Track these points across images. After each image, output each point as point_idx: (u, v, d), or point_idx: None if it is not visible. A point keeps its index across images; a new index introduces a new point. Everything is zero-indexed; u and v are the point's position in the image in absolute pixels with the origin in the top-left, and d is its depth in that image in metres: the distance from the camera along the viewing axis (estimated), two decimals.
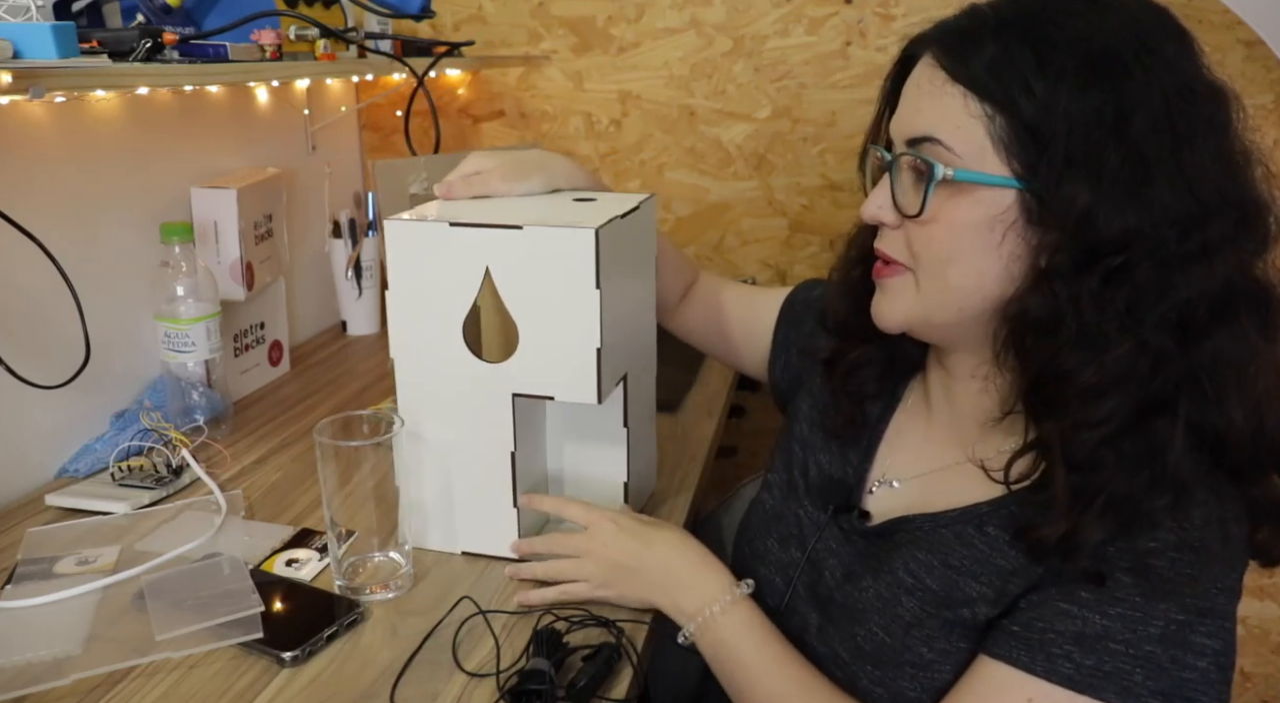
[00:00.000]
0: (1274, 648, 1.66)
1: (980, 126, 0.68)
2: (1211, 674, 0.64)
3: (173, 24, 1.04)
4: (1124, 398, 0.65)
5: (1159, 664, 0.63)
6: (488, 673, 0.76)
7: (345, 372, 1.45)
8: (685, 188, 1.67)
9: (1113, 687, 0.63)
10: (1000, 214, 0.69)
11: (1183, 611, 0.64)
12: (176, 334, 1.15)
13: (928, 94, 0.71)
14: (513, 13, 1.65)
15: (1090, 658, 0.64)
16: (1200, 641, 0.64)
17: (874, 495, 0.85)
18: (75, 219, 1.11)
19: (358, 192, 1.68)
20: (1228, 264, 0.65)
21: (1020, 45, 0.67)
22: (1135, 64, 0.66)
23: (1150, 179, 0.64)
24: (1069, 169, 0.65)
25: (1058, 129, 0.65)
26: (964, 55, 0.69)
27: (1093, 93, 0.65)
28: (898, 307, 0.76)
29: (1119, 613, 0.64)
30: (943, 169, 0.69)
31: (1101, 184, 0.65)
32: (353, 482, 0.84)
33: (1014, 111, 0.67)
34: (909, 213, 0.72)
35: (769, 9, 1.57)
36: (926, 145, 0.70)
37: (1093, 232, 0.65)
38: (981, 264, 0.70)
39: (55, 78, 0.75)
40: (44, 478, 1.09)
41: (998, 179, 0.68)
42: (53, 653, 0.77)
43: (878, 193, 0.75)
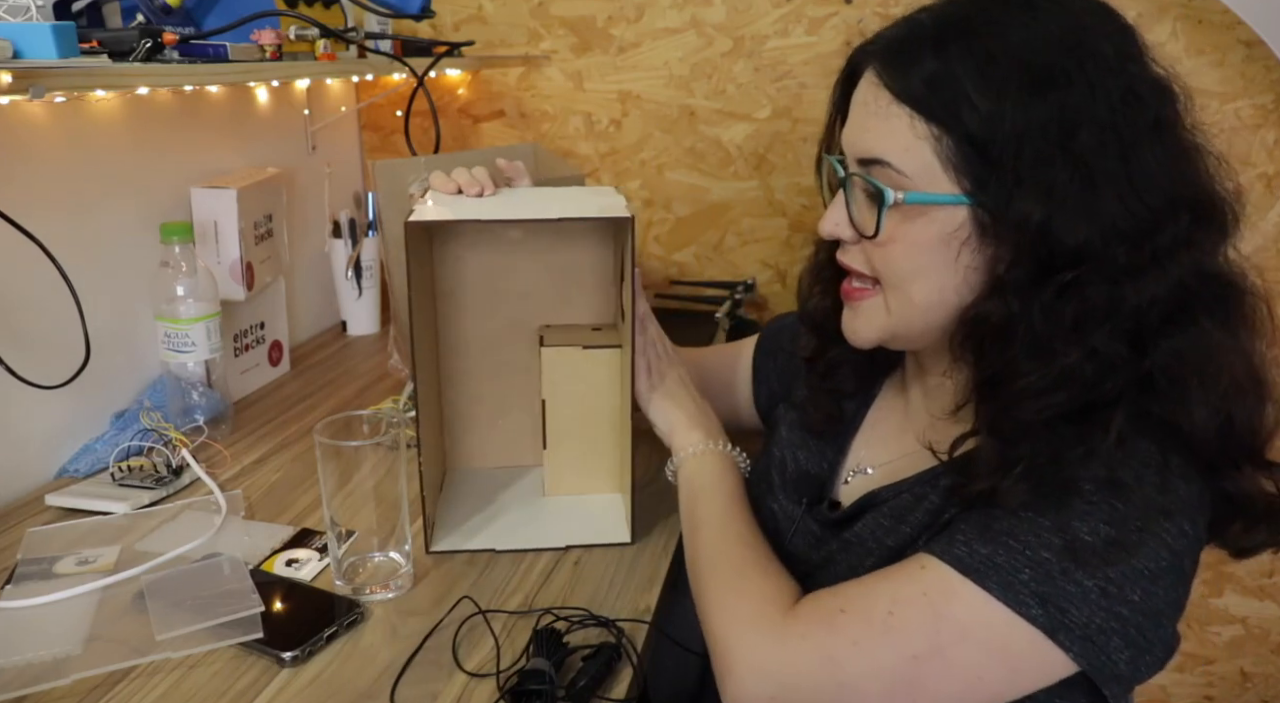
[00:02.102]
0: (1274, 648, 1.67)
1: (928, 147, 0.68)
2: (1092, 596, 0.64)
3: (173, 24, 1.04)
4: (1068, 397, 0.67)
5: (1048, 571, 0.64)
6: (488, 673, 0.76)
7: (345, 372, 1.45)
8: (685, 188, 1.67)
9: (996, 577, 0.64)
10: (954, 231, 0.70)
11: (1092, 534, 0.64)
12: (176, 334, 1.15)
13: (874, 113, 0.71)
14: (513, 13, 1.65)
15: (985, 548, 0.66)
16: (1095, 563, 0.64)
17: (848, 485, 0.87)
18: (75, 219, 1.11)
19: (358, 191, 1.68)
20: (1181, 267, 0.66)
21: (961, 58, 0.67)
22: (1077, 72, 0.66)
23: (1098, 192, 0.65)
24: (1018, 186, 0.66)
25: (1005, 145, 0.66)
26: (905, 72, 0.69)
27: (1037, 105, 0.65)
28: (870, 325, 0.78)
29: (1029, 518, 0.66)
30: (893, 194, 0.70)
31: (1051, 199, 0.65)
32: (353, 482, 0.84)
33: (960, 130, 0.67)
34: (865, 233, 0.74)
35: (769, 9, 1.57)
36: (876, 168, 0.71)
37: (1045, 246, 0.66)
38: (941, 279, 0.72)
39: (55, 78, 0.75)
40: (44, 478, 1.09)
41: (948, 198, 0.69)
42: (53, 653, 0.77)
43: (834, 210, 0.76)
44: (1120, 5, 0.71)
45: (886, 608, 0.67)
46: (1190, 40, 1.43)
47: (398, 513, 0.86)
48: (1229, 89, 1.44)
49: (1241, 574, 1.63)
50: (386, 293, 1.39)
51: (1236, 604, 1.65)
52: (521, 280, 1.03)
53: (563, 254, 1.02)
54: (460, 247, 1.01)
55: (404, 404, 1.25)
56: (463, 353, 1.05)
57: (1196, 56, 1.43)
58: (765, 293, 1.70)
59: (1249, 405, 0.69)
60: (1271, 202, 1.47)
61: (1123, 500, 0.65)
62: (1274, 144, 1.45)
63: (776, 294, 1.69)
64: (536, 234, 1.01)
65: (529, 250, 1.02)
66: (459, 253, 1.02)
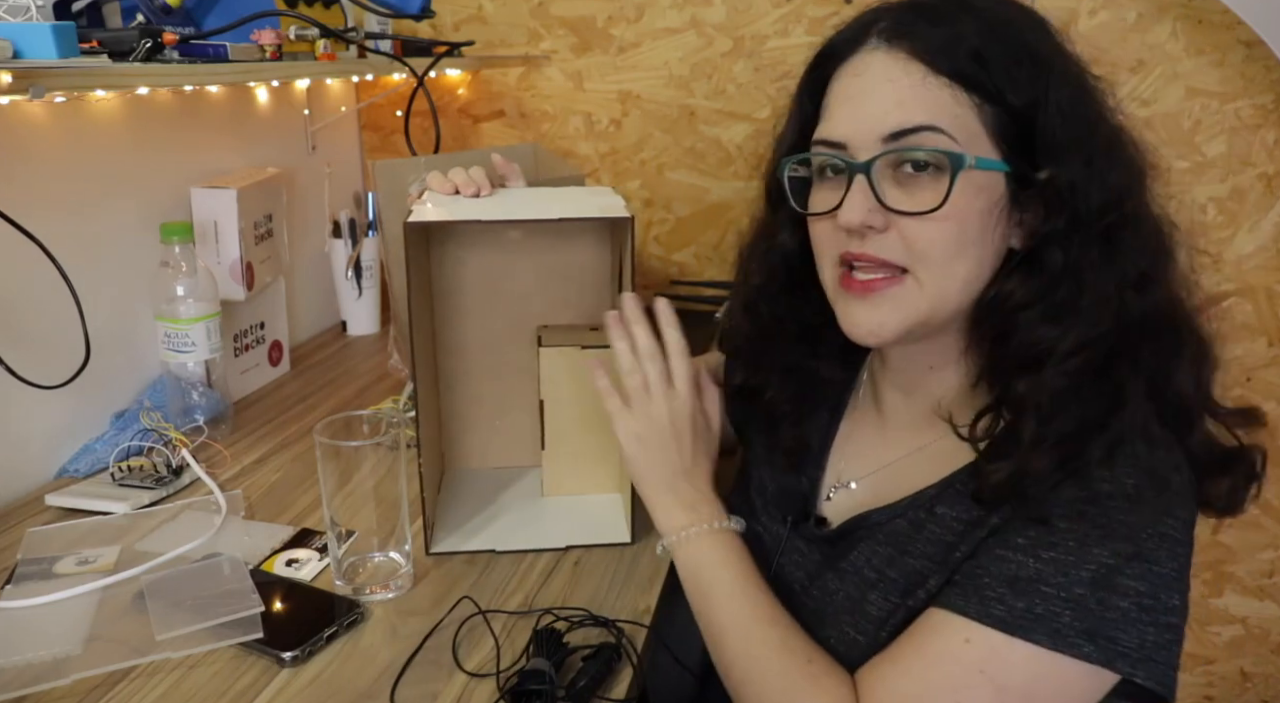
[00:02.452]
0: (1274, 648, 1.67)
1: (973, 115, 0.70)
2: (1132, 614, 0.65)
3: (173, 24, 1.04)
4: (1093, 352, 0.69)
5: (1086, 606, 0.65)
6: (488, 673, 0.76)
7: (345, 372, 1.45)
8: (685, 188, 1.67)
9: (1043, 628, 0.64)
10: (997, 199, 0.71)
11: (1113, 556, 0.65)
12: (176, 334, 1.15)
13: (908, 87, 0.70)
14: (513, 13, 1.65)
15: (1022, 601, 0.66)
16: (1126, 583, 0.65)
17: (831, 501, 0.86)
18: (75, 219, 1.11)
19: (358, 191, 1.68)
20: (1159, 218, 0.73)
21: (987, 36, 0.71)
22: (1056, 60, 0.72)
23: (1114, 154, 0.71)
24: (1061, 150, 0.70)
25: (1044, 116, 0.70)
26: (940, 46, 0.71)
27: (1058, 81, 0.70)
28: (898, 315, 0.73)
29: (1052, 557, 0.66)
30: (969, 157, 0.69)
31: (1089, 159, 0.70)
32: (353, 482, 0.84)
33: (1000, 101, 0.70)
34: (913, 208, 0.70)
35: (769, 9, 1.57)
36: (927, 135, 0.69)
37: (1085, 201, 0.69)
38: (980, 251, 0.72)
39: (55, 78, 0.75)
40: (44, 478, 1.09)
41: (997, 164, 0.71)
42: (53, 653, 0.77)
43: (858, 197, 0.71)
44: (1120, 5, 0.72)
45: (951, 700, 0.66)
46: (1190, 40, 1.43)
47: (398, 513, 0.86)
48: (1229, 89, 1.44)
49: (1241, 574, 1.64)
50: (386, 293, 1.39)
51: (1236, 604, 1.65)
52: (521, 281, 1.03)
53: (562, 255, 1.02)
54: (459, 247, 1.02)
55: (404, 404, 1.25)
56: (462, 353, 1.05)
57: (1196, 56, 1.43)
58: None
59: (1198, 356, 0.73)
60: (1271, 202, 1.47)
61: (1130, 512, 0.66)
62: (1274, 144, 1.45)
63: None
64: (535, 235, 1.01)
65: (528, 251, 1.02)
66: (458, 254, 1.02)
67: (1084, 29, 1.44)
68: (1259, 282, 1.50)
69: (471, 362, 1.05)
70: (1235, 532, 1.62)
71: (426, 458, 0.93)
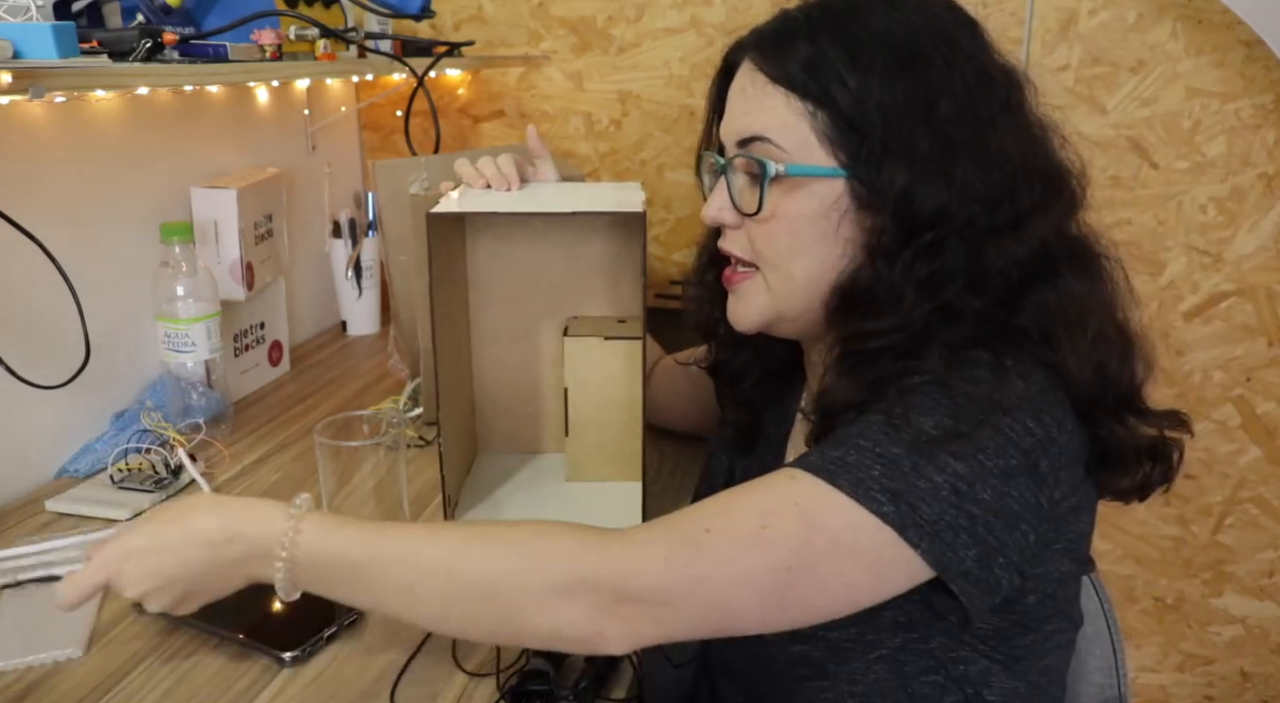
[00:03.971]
0: (1274, 648, 1.67)
1: (804, 123, 0.73)
2: (943, 493, 0.64)
3: (173, 24, 1.04)
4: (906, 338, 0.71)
5: (899, 467, 0.65)
6: (488, 673, 0.76)
7: (345, 372, 1.45)
8: (685, 188, 1.67)
9: (847, 475, 0.65)
10: (833, 203, 0.74)
11: (936, 428, 0.66)
12: (176, 334, 1.15)
13: (752, 97, 0.76)
14: (513, 13, 1.65)
15: (838, 450, 0.67)
16: (946, 459, 0.64)
17: None
18: (75, 219, 1.11)
19: (358, 191, 1.68)
20: (1042, 228, 0.72)
21: (831, 43, 0.73)
22: (936, 55, 0.72)
23: (957, 160, 0.71)
24: (886, 155, 0.71)
25: (873, 119, 0.71)
26: (780, 57, 0.75)
27: (901, 83, 0.71)
28: (751, 307, 0.80)
29: (874, 421, 0.68)
30: (775, 166, 0.73)
31: (914, 167, 0.70)
32: (353, 482, 0.84)
33: (832, 106, 0.72)
34: (747, 211, 0.76)
35: (769, 9, 1.56)
36: (756, 145, 0.75)
37: (910, 212, 0.71)
38: (822, 253, 0.75)
39: (55, 78, 0.75)
40: (44, 478, 1.09)
41: (825, 170, 0.73)
42: (53, 656, 0.77)
43: (716, 195, 0.79)
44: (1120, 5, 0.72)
45: (759, 522, 0.64)
46: (1190, 40, 1.43)
47: (398, 513, 0.86)
48: (1229, 89, 1.44)
49: (1241, 574, 1.64)
50: (386, 293, 1.39)
51: (1236, 604, 1.65)
52: (551, 273, 1.06)
53: (593, 247, 1.05)
54: (493, 239, 1.05)
55: (404, 404, 1.25)
56: (493, 341, 1.08)
57: (1196, 56, 1.43)
58: None
59: (1118, 356, 0.73)
60: (1271, 202, 1.47)
61: (959, 396, 0.67)
62: (1274, 144, 1.45)
63: None
64: (565, 228, 1.04)
65: (558, 244, 1.05)
66: (491, 245, 1.05)
67: (1084, 29, 1.44)
68: (1259, 282, 1.50)
69: (502, 350, 1.08)
70: (1235, 532, 1.62)
71: (453, 441, 0.95)
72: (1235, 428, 1.56)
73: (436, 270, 0.90)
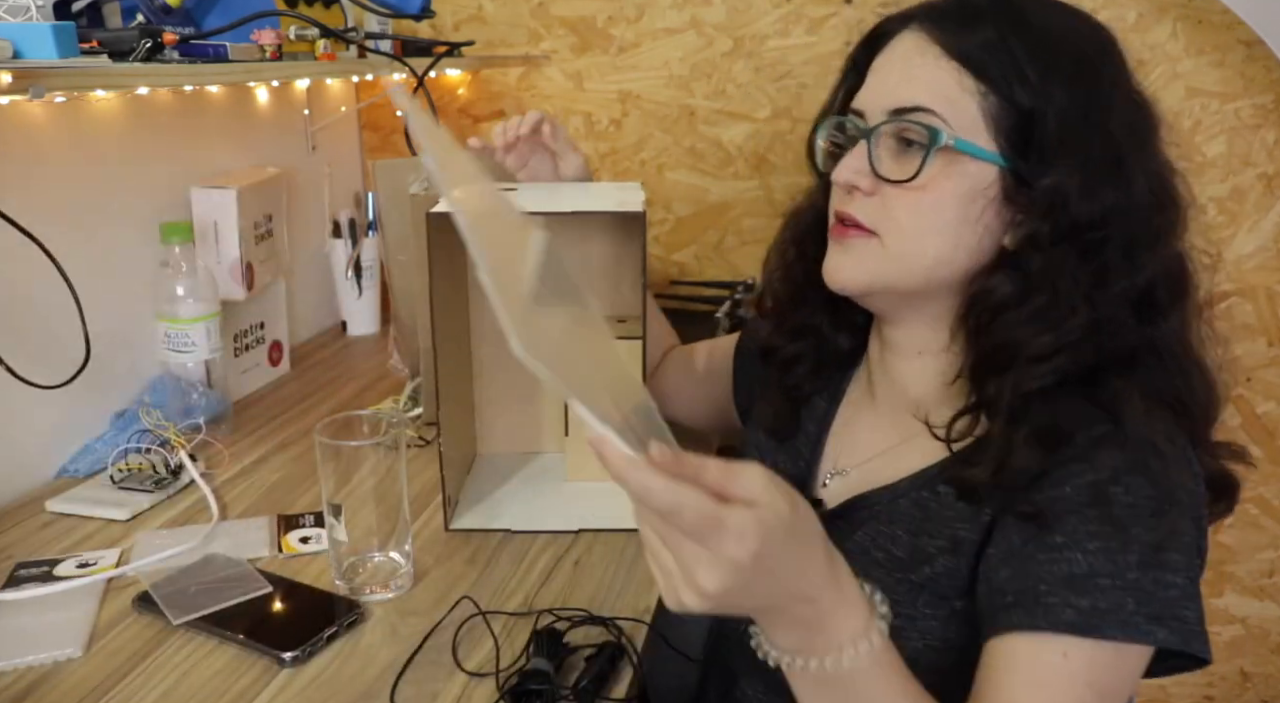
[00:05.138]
0: (1274, 648, 1.67)
1: (973, 102, 0.72)
2: (1189, 589, 0.65)
3: (173, 24, 1.04)
4: (1070, 358, 0.70)
5: (1144, 589, 0.64)
6: (488, 673, 0.76)
7: (345, 372, 1.45)
8: (685, 188, 1.67)
9: (1112, 621, 0.64)
10: (984, 188, 0.73)
11: (1149, 532, 0.65)
12: (176, 334, 1.15)
13: (920, 67, 0.74)
14: (513, 13, 1.65)
15: (1085, 599, 0.64)
16: (1173, 558, 0.65)
17: (827, 488, 0.86)
18: (75, 219, 1.11)
19: (358, 191, 1.68)
20: (1173, 249, 0.74)
21: (1015, 34, 0.72)
22: (1105, 67, 0.73)
23: (1125, 169, 0.71)
24: (1058, 155, 0.70)
25: (1049, 116, 0.70)
26: (960, 34, 0.73)
27: (1078, 88, 0.71)
28: (861, 268, 0.77)
29: (1097, 547, 0.66)
30: (947, 135, 0.72)
31: (1085, 171, 0.70)
32: (352, 482, 0.84)
33: (1007, 92, 0.71)
34: (897, 177, 0.74)
35: (769, 9, 1.57)
36: (920, 114, 0.73)
37: (1072, 212, 0.70)
38: (958, 235, 0.74)
39: (55, 78, 0.75)
40: (44, 478, 1.09)
41: (989, 154, 0.72)
42: (53, 656, 0.77)
43: (855, 157, 0.76)
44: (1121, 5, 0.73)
45: None
46: (1190, 40, 1.43)
47: (398, 513, 0.86)
48: (1229, 89, 1.44)
49: (1241, 574, 1.64)
50: (387, 293, 1.39)
51: (1236, 604, 1.65)
52: None
53: (591, 248, 1.05)
54: None
55: (404, 404, 1.25)
56: (494, 341, 1.08)
57: (1196, 56, 1.43)
58: None
59: (1206, 387, 0.74)
60: (1271, 202, 1.47)
61: (1151, 473, 0.67)
62: (1274, 144, 1.44)
63: None
64: (566, 227, 1.04)
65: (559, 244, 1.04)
66: None
67: None
68: (1259, 282, 1.50)
69: (503, 349, 1.07)
70: (1235, 532, 1.61)
71: (453, 441, 0.95)
72: (1235, 428, 1.56)
73: (436, 270, 0.90)
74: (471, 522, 0.98)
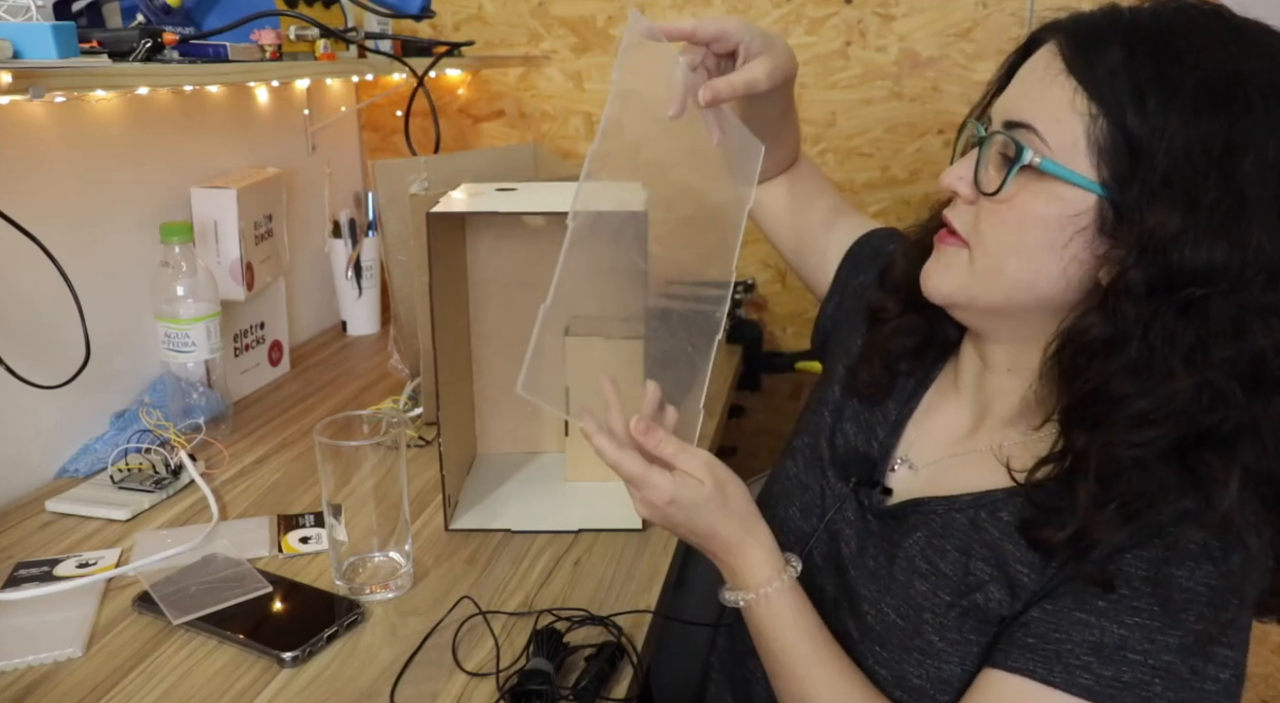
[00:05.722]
0: (1274, 648, 1.66)
1: (1080, 124, 0.67)
2: (1233, 687, 0.63)
3: (173, 24, 1.04)
4: (1170, 429, 0.64)
5: (1178, 676, 0.62)
6: (488, 673, 0.76)
7: (345, 372, 1.45)
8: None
9: (1132, 697, 0.62)
10: (1074, 215, 0.67)
11: (1202, 621, 0.62)
12: (176, 334, 1.15)
13: (1039, 80, 0.70)
14: (513, 13, 1.65)
15: (1109, 669, 0.63)
16: (1223, 652, 0.63)
17: (895, 473, 0.84)
18: (75, 219, 1.11)
19: (358, 192, 1.68)
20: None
21: (1146, 55, 0.65)
22: (1259, 102, 0.64)
23: (1248, 219, 0.63)
24: (1163, 191, 0.64)
25: (1158, 148, 0.64)
26: (1087, 50, 0.68)
27: (1206, 120, 0.63)
28: (948, 278, 0.75)
29: (1137, 623, 0.63)
30: (1031, 154, 0.68)
31: (1194, 214, 0.63)
32: (353, 482, 0.84)
33: (1117, 117, 0.65)
34: (986, 189, 0.71)
35: (769, 9, 1.57)
36: (1021, 131, 0.70)
37: (1174, 259, 0.63)
38: (1041, 261, 0.69)
39: (55, 78, 0.75)
40: (44, 478, 1.09)
41: (1082, 180, 0.67)
42: (53, 656, 0.77)
43: (961, 164, 0.74)
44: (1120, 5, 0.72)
45: None
46: None
47: (398, 513, 0.86)
48: None
49: None
50: (386, 293, 1.39)
51: None
52: (551, 273, 1.05)
53: (595, 247, 1.05)
54: (493, 239, 1.05)
55: (404, 404, 1.25)
56: (494, 341, 1.08)
57: None
58: (765, 293, 1.69)
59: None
60: None
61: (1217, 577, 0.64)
62: None
63: (776, 294, 1.69)
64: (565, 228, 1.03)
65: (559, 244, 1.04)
66: (491, 245, 1.05)
67: None
68: None
69: (504, 349, 1.09)
70: None
71: (453, 441, 0.95)
72: None
73: (436, 270, 0.90)
74: (471, 522, 0.98)
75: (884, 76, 1.56)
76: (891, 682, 0.73)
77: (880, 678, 0.74)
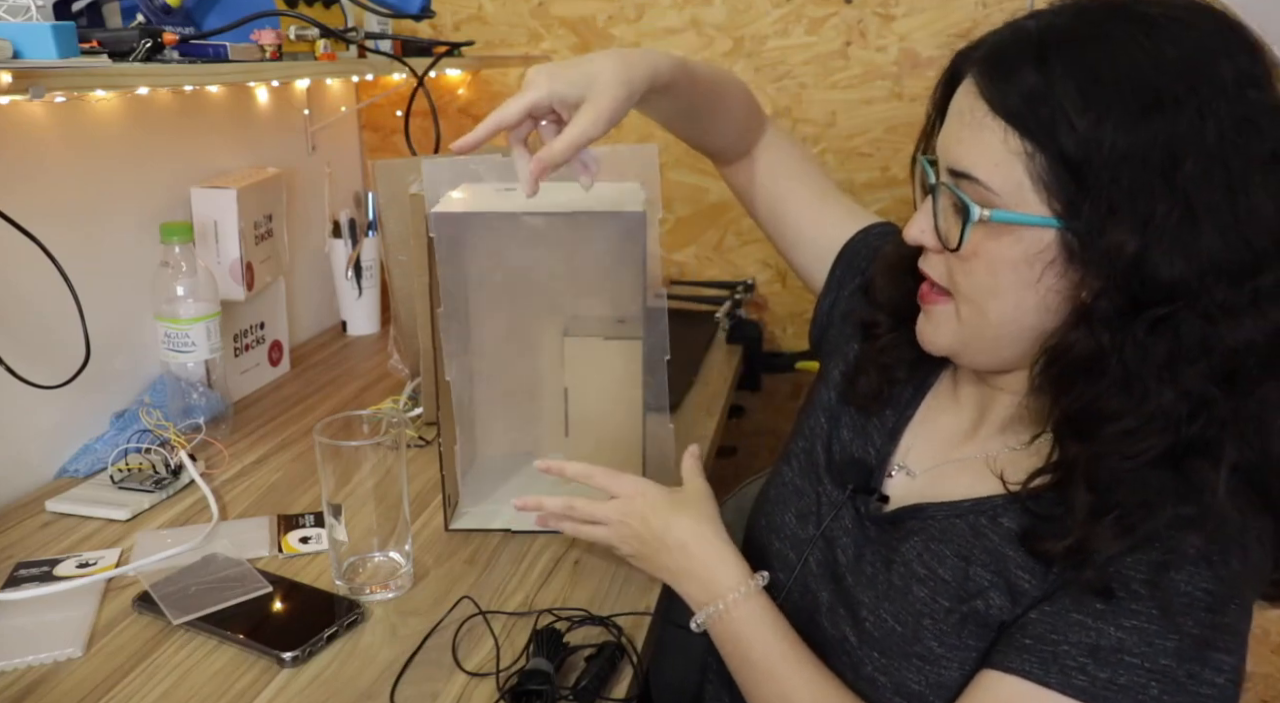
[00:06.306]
0: (1274, 648, 1.66)
1: (1019, 164, 0.66)
2: (1229, 691, 0.63)
3: (173, 24, 1.04)
4: (1159, 440, 0.64)
5: (1175, 679, 0.62)
6: (488, 673, 0.76)
7: (345, 372, 1.45)
8: (685, 188, 1.67)
9: (1128, 700, 0.62)
10: (1039, 252, 0.67)
11: (1200, 625, 0.63)
12: (176, 334, 1.15)
13: (968, 125, 0.69)
14: (513, 13, 1.65)
15: (1105, 671, 0.63)
16: (1219, 657, 0.63)
17: (892, 479, 0.84)
18: (75, 219, 1.11)
19: (358, 192, 1.68)
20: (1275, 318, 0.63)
21: (1064, 74, 0.64)
22: (1188, 96, 0.62)
23: (1199, 227, 0.62)
24: (1113, 214, 0.63)
25: (1101, 170, 0.63)
26: (1003, 84, 0.66)
27: (1140, 130, 0.62)
28: (940, 334, 0.77)
29: (1134, 626, 0.63)
30: (979, 211, 0.68)
31: (1147, 231, 0.62)
32: (353, 482, 0.84)
33: (1054, 150, 0.64)
34: (948, 245, 0.71)
35: (769, 9, 1.57)
36: (965, 182, 0.69)
37: (1137, 278, 0.63)
38: (1019, 297, 0.69)
39: (55, 78, 0.75)
40: (44, 478, 1.09)
41: (1036, 219, 0.66)
42: (53, 656, 0.77)
43: (921, 216, 0.74)
44: None
45: None
46: None
47: (398, 513, 0.86)
48: None
49: None
50: (386, 293, 1.39)
51: None
52: (553, 271, 1.05)
53: (591, 248, 1.05)
54: (493, 239, 1.04)
55: (404, 404, 1.25)
56: (494, 341, 1.07)
57: None
58: (765, 293, 1.70)
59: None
60: None
61: (1215, 581, 0.64)
62: None
63: (776, 294, 1.69)
64: (565, 228, 1.03)
65: (558, 244, 1.05)
66: (491, 245, 1.04)
67: None
68: None
69: (504, 349, 1.08)
70: None
71: (452, 441, 0.95)
72: None
73: (436, 270, 0.90)
74: (471, 522, 0.98)
75: (884, 76, 1.56)
76: (891, 689, 0.73)
77: (880, 685, 0.73)
